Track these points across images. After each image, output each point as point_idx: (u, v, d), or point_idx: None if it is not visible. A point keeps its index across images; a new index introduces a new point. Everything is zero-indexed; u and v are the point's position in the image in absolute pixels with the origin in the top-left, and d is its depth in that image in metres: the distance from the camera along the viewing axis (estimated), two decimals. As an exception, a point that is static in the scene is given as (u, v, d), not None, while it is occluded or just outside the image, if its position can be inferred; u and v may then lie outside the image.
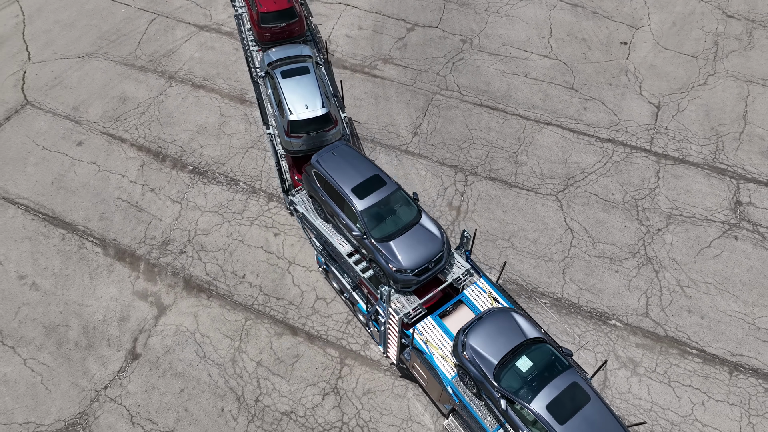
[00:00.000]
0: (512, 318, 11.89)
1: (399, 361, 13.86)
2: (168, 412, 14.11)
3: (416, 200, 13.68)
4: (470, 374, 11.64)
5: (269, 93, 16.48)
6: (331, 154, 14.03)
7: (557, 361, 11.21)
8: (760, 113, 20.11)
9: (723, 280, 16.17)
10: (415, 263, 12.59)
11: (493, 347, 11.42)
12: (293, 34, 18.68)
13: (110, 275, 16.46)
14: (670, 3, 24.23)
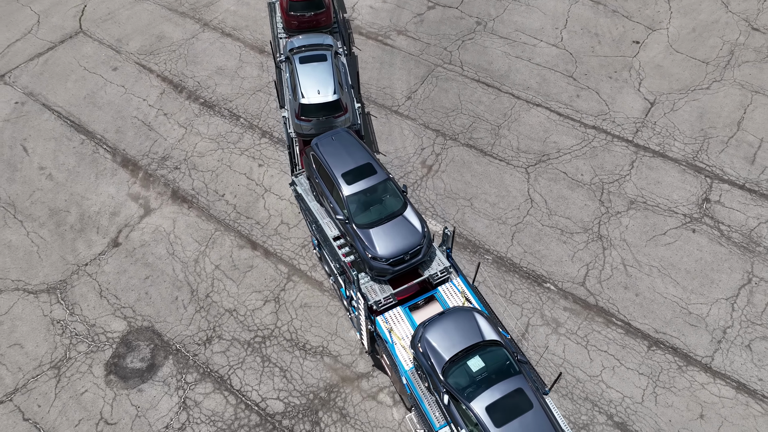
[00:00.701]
0: (473, 318, 11.93)
1: (372, 350, 14.17)
2: (131, 293, 16.16)
3: (405, 193, 13.85)
4: (422, 366, 11.75)
5: (287, 77, 17.22)
6: (331, 139, 14.41)
7: (510, 366, 11.19)
8: (757, 122, 19.97)
9: (668, 266, 16.46)
10: (391, 253, 12.80)
11: (448, 343, 11.49)
12: (320, 24, 19.36)
13: (113, 177, 18.83)
14: (695, 10, 24.22)
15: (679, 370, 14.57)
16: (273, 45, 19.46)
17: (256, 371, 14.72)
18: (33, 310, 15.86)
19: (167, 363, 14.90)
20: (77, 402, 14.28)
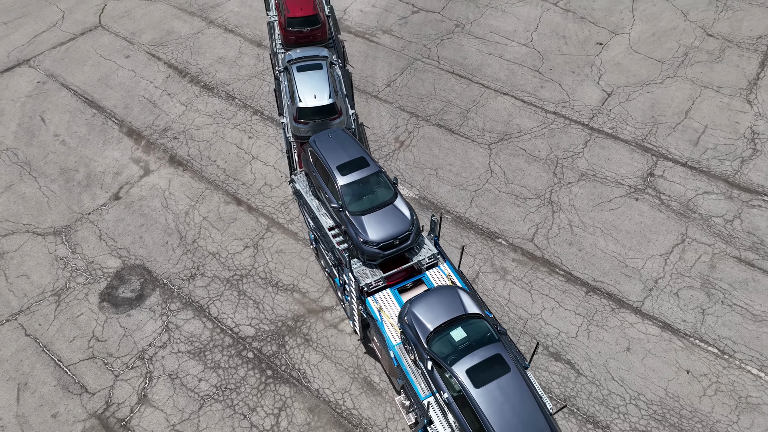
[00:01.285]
0: (457, 294, 12.72)
1: (364, 336, 15.10)
2: (127, 237, 18.16)
3: (395, 184, 14.81)
4: (408, 338, 12.47)
5: (285, 85, 18.38)
6: (328, 137, 15.50)
7: (490, 336, 11.89)
8: (704, 112, 21.86)
9: (610, 227, 18.17)
10: (381, 238, 13.71)
11: (432, 315, 12.26)
12: (316, 39, 20.65)
13: (118, 144, 21.08)
14: (656, 18, 26.47)
15: (611, 311, 16.13)
16: (272, 59, 20.56)
17: (232, 303, 16.51)
18: (40, 248, 17.87)
19: (154, 294, 16.75)
20: (73, 323, 16.12)
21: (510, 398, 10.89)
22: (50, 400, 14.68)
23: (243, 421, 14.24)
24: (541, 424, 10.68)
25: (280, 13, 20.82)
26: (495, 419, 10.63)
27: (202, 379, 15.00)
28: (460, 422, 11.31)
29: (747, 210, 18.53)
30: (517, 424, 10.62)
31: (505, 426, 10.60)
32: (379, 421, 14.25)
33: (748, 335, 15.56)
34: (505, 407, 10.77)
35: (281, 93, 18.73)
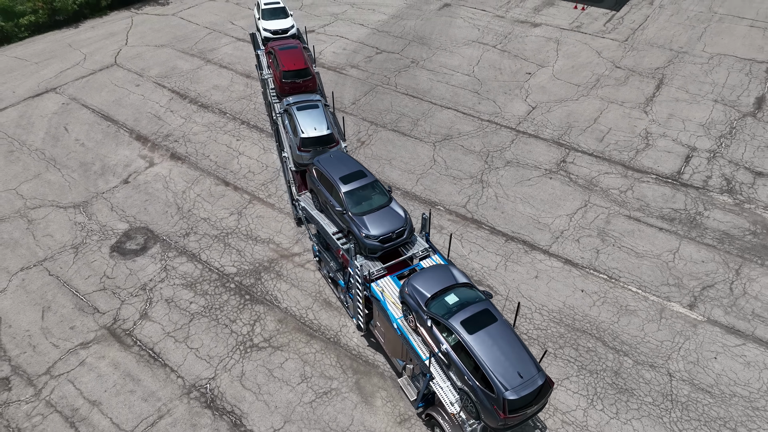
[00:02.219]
0: (449, 270, 14.87)
1: (367, 329, 17.06)
2: (134, 208, 22.16)
3: (390, 191, 17.13)
4: (409, 306, 14.24)
5: (286, 123, 20.89)
6: (329, 157, 18.03)
7: (477, 297, 13.91)
8: (609, 119, 26.88)
9: (528, 197, 22.49)
10: (381, 232, 15.75)
11: (429, 285, 14.31)
12: (307, 89, 22.95)
13: (128, 146, 25.53)
14: (576, 56, 32.27)
15: (525, 252, 20.10)
16: (269, 109, 23.73)
17: (219, 251, 20.31)
18: (62, 217, 21.78)
19: (155, 246, 20.54)
20: (88, 266, 19.76)
21: (498, 342, 12.69)
22: (68, 317, 18.08)
23: (225, 329, 17.68)
24: (525, 359, 12.53)
25: (274, 68, 23.31)
26: (487, 358, 12.42)
27: (193, 302, 18.54)
28: (458, 366, 12.97)
29: (638, 184, 23.01)
30: (505, 360, 12.39)
31: (496, 362, 12.35)
32: (334, 328, 17.76)
33: (631, 266, 19.51)
34: (494, 348, 12.56)
35: (282, 132, 21.37)
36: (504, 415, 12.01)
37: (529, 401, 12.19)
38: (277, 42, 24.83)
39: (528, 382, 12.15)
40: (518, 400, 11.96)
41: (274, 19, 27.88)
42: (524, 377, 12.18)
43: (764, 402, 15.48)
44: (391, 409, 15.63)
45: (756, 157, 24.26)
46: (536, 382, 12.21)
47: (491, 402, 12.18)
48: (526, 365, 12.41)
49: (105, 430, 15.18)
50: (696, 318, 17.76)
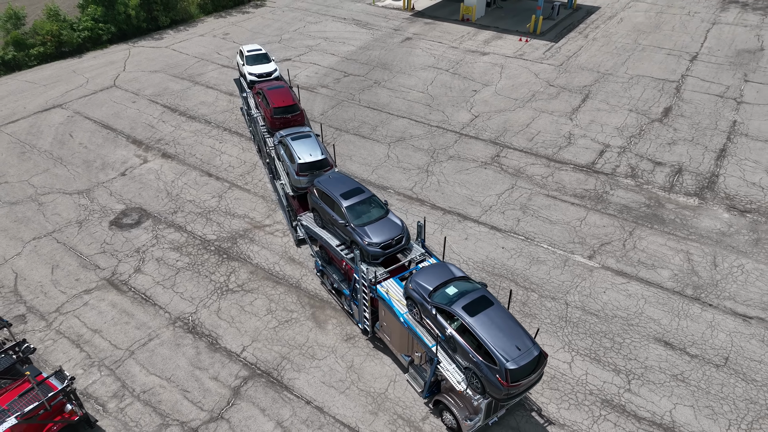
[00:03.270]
0: (447, 267, 16.56)
1: (372, 332, 18.39)
2: (129, 194, 26.02)
3: (386, 204, 19.07)
4: (414, 299, 15.68)
5: (282, 153, 22.98)
6: (328, 177, 19.95)
7: (474, 287, 15.49)
8: (539, 124, 31.55)
9: (465, 182, 26.71)
10: (382, 240, 17.46)
11: (431, 280, 15.89)
12: (296, 123, 25.31)
13: (125, 148, 29.61)
14: (516, 77, 37.34)
15: (458, 222, 24.13)
16: (261, 144, 26.34)
17: (201, 224, 24.10)
18: (67, 200, 25.55)
19: (148, 221, 24.31)
20: (90, 236, 23.42)
21: (497, 322, 14.22)
22: (74, 272, 21.63)
23: (205, 279, 21.31)
24: (521, 335, 14.09)
25: (264, 107, 25.88)
26: (488, 335, 13.93)
27: (179, 260, 22.21)
28: (463, 347, 14.36)
29: (558, 172, 27.39)
30: (503, 336, 13.90)
31: (496, 339, 13.82)
32: (296, 276, 21.46)
33: (545, 230, 23.58)
34: (493, 327, 14.09)
35: (277, 162, 23.81)
36: (507, 383, 13.35)
37: (527, 371, 13.59)
38: (264, 83, 27.71)
39: (525, 353, 13.61)
40: (518, 370, 13.37)
41: (258, 64, 31.54)
42: (521, 349, 13.66)
43: (637, 321, 19.29)
44: (339, 331, 19.22)
45: (658, 151, 28.86)
46: (532, 353, 13.70)
47: (495, 373, 13.55)
48: (522, 339, 13.95)
49: (105, 349, 18.56)
50: (593, 265, 21.74)
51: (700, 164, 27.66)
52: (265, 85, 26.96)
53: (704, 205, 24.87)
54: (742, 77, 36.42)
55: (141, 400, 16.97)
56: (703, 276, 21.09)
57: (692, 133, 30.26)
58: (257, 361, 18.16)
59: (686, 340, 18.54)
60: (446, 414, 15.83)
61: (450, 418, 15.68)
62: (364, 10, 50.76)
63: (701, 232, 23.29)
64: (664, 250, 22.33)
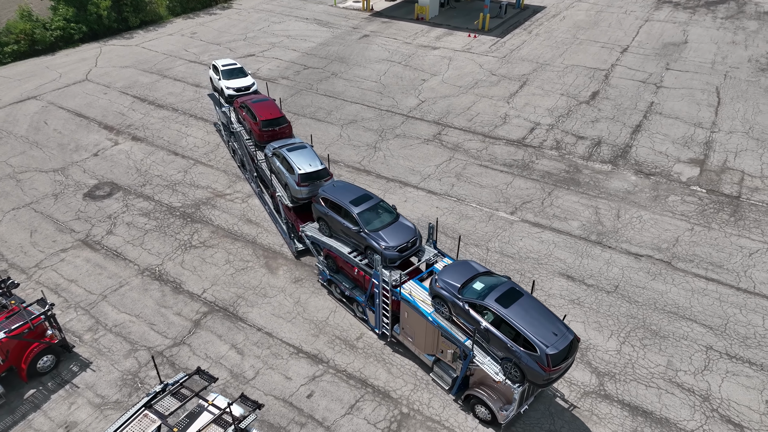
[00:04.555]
0: (469, 264, 16.99)
1: (391, 336, 18.63)
2: (102, 171, 28.46)
3: (395, 208, 19.36)
4: (443, 297, 15.85)
5: (278, 165, 22.42)
6: (333, 186, 20.13)
7: (500, 280, 15.91)
8: (479, 107, 34.84)
9: (408, 155, 29.75)
10: (398, 242, 17.68)
11: (457, 277, 16.24)
12: (284, 135, 24.95)
13: (97, 133, 32.04)
14: (462, 68, 40.68)
15: (399, 188, 27.11)
16: (246, 158, 26.24)
17: (168, 194, 26.68)
18: (44, 177, 27.89)
19: (119, 193, 26.81)
20: (65, 206, 25.82)
21: (530, 311, 14.73)
22: (51, 236, 24.03)
23: (170, 238, 23.90)
24: (554, 321, 14.67)
25: (250, 120, 25.24)
26: (525, 325, 14.38)
27: (147, 224, 24.76)
28: (499, 339, 14.69)
29: (491, 146, 30.64)
30: (539, 324, 14.40)
31: (532, 327, 14.31)
32: (253, 234, 24.17)
33: (475, 192, 26.70)
34: (528, 316, 14.55)
35: (269, 174, 23.31)
36: (549, 368, 13.81)
37: (565, 354, 14.11)
38: (246, 97, 27.17)
39: (562, 338, 14.17)
40: (558, 354, 13.86)
41: (235, 79, 30.29)
42: (558, 335, 14.19)
43: (546, 260, 22.44)
44: (289, 275, 22.00)
45: (582, 128, 32.34)
46: (568, 338, 14.27)
47: (535, 360, 13.95)
48: (556, 325, 14.51)
49: (80, 295, 21.04)
50: (514, 219, 24.92)
51: (617, 138, 31.19)
52: (247, 99, 26.56)
53: (616, 170, 28.32)
54: (664, 66, 40.32)
55: (113, 332, 19.49)
56: (607, 225, 24.41)
57: (614, 113, 33.86)
58: (216, 300, 20.83)
59: (585, 274, 21.76)
60: (478, 407, 16.20)
61: (484, 411, 16.09)
62: (325, 11, 53.88)
63: (610, 191, 26.67)
64: (577, 206, 25.64)
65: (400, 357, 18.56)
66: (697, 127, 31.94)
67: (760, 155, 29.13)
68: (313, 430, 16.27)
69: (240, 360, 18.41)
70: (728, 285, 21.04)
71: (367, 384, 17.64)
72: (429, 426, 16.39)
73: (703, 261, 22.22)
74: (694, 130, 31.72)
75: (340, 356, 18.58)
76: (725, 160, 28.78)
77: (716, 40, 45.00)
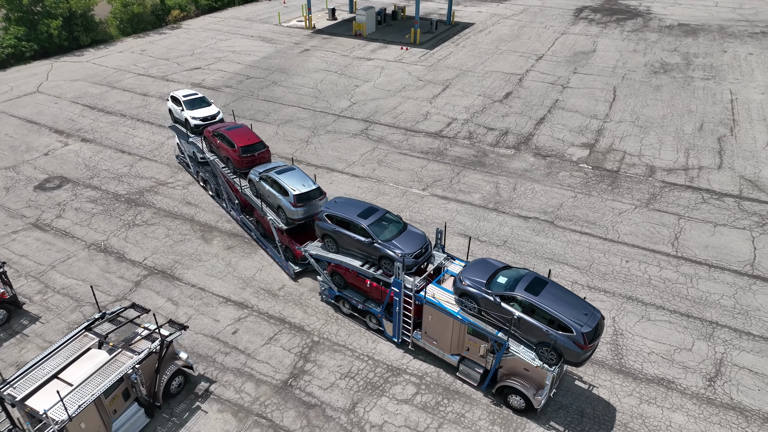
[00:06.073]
0: (487, 261, 17.82)
1: (412, 343, 18.96)
2: (52, 167, 30.84)
3: (400, 218, 19.86)
4: (471, 294, 16.33)
5: (268, 189, 22.26)
6: (335, 202, 20.30)
7: (520, 272, 16.70)
8: (404, 107, 38.64)
9: (337, 147, 33.11)
10: (413, 249, 18.19)
11: (481, 273, 16.92)
12: (263, 160, 24.74)
13: (48, 136, 34.40)
14: (393, 75, 44.69)
15: (327, 173, 30.35)
16: (223, 186, 26.00)
17: (114, 184, 29.22)
18: (-4, 174, 30.16)
19: (68, 184, 29.23)
20: (17, 196, 28.08)
21: (558, 297, 15.60)
22: (2, 221, 26.27)
23: (115, 219, 26.45)
24: (581, 303, 15.57)
25: (227, 148, 24.86)
26: (558, 309, 15.20)
27: (94, 209, 27.27)
28: (534, 325, 15.41)
29: (411, 138, 34.35)
30: (569, 307, 15.31)
31: (565, 310, 15.15)
32: (192, 213, 26.94)
33: (394, 175, 30.18)
34: (558, 302, 15.41)
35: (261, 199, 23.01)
36: (586, 346, 14.72)
37: (597, 332, 15.12)
38: (218, 125, 26.86)
39: (591, 317, 15.17)
40: (591, 332, 14.84)
41: (198, 108, 30.12)
42: (588, 314, 15.20)
43: (450, 224, 25.94)
44: (223, 244, 24.84)
45: (493, 122, 36.44)
46: (596, 316, 15.28)
47: (572, 340, 14.82)
48: (584, 306, 15.51)
49: (30, 266, 23.38)
50: (424, 194, 28.44)
51: (522, 128, 35.39)
52: (220, 127, 26.26)
53: (518, 153, 32.36)
54: (572, 70, 45.24)
55: (60, 293, 21.91)
56: (504, 196, 28.19)
57: (523, 109, 38.20)
58: (155, 265, 23.49)
59: (480, 233, 25.33)
60: (512, 397, 16.78)
61: (518, 399, 16.68)
62: (270, 29, 57.58)
63: (510, 170, 30.60)
64: (480, 183, 29.41)
65: (316, 300, 21.58)
66: (593, 119, 36.48)
67: (640, 139, 33.69)
68: (236, 357, 19.06)
69: (175, 309, 21.09)
70: (598, 237, 24.93)
71: (285, 322, 20.57)
72: (335, 349, 19.39)
73: (581, 220, 26.13)
74: (590, 120, 36.23)
75: (263, 302, 21.48)
76: (611, 144, 33.21)
77: (620, 49, 50.48)
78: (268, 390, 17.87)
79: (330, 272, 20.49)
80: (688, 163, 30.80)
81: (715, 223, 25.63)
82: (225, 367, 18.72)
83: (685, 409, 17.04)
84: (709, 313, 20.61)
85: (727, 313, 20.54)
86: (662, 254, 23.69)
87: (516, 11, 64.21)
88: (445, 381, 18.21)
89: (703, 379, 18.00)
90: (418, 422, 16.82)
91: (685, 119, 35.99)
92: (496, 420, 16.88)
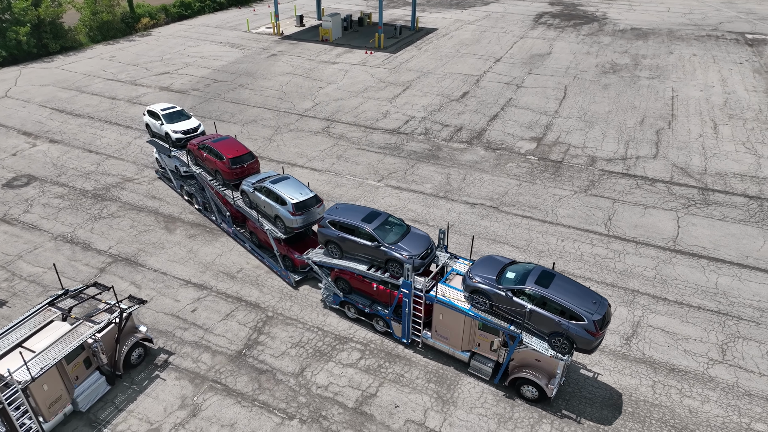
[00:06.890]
0: (493, 258, 18.10)
1: (421, 342, 19.27)
2: (20, 167, 31.83)
3: (402, 220, 20.03)
4: (481, 290, 16.60)
5: (264, 199, 22.13)
6: (336, 209, 20.30)
7: (527, 267, 17.15)
8: (365, 107, 40.39)
9: (299, 144, 34.68)
10: (419, 251, 18.49)
11: (489, 269, 17.28)
12: (252, 171, 24.34)
13: (16, 137, 35.32)
14: (356, 77, 46.46)
15: (288, 168, 31.89)
16: (212, 199, 25.65)
17: (81, 181, 30.35)
18: (-35, 173, 31.03)
19: (36, 182, 30.25)
20: (-15, 194, 29.11)
21: (567, 288, 16.14)
22: (-28, 216, 27.26)
23: (82, 213, 27.58)
24: (589, 292, 16.19)
25: (215, 160, 24.30)
26: (568, 300, 15.75)
27: (61, 204, 28.35)
28: (546, 317, 15.86)
29: (370, 135, 36.07)
30: (579, 297, 15.86)
31: (575, 300, 15.69)
32: (156, 206, 28.19)
33: (352, 169, 31.80)
34: (568, 293, 15.97)
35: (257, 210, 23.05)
36: (597, 333, 15.30)
37: (606, 319, 15.77)
38: (202, 138, 26.14)
39: (600, 305, 15.77)
40: (602, 319, 15.44)
41: (178, 122, 28.60)
42: (596, 303, 15.80)
43: (401, 212, 27.59)
44: (185, 233, 26.15)
45: (449, 119, 38.37)
46: (605, 304, 15.85)
47: (584, 329, 15.36)
48: (592, 295, 16.09)
49: (-2, 257, 24.46)
50: (379, 185, 30.11)
51: (476, 125, 37.37)
52: (205, 139, 25.67)
53: (470, 147, 34.27)
54: (528, 71, 47.54)
55: (27, 280, 23.01)
56: (454, 185, 30.01)
57: (478, 107, 40.23)
58: (119, 253, 24.72)
59: (429, 219, 27.06)
60: (525, 388, 17.23)
61: (531, 389, 17.14)
62: (239, 36, 59.06)
63: (462, 162, 32.47)
64: (433, 174, 31.20)
65: (272, 280, 23.03)
66: (543, 115, 38.64)
67: (585, 133, 35.90)
68: (194, 332, 20.41)
69: (137, 291, 22.34)
70: (538, 219, 26.85)
71: (242, 300, 21.98)
72: (288, 322, 20.86)
73: (523, 205, 28.04)
74: (540, 117, 38.38)
75: (221, 284, 22.86)
76: (558, 137, 35.34)
77: (575, 51, 53.04)
78: (223, 359, 19.24)
79: (334, 278, 20.71)
80: (627, 153, 33.04)
81: (646, 205, 27.76)
82: (183, 340, 20.04)
83: (602, 365, 18.86)
84: (632, 282, 22.57)
85: (648, 283, 22.52)
86: (595, 233, 25.68)
87: (479, 17, 66.70)
88: (387, 347, 19.78)
89: (620, 339, 19.87)
90: (361, 382, 18.35)
91: (629, 114, 38.37)
92: (432, 378, 18.49)
